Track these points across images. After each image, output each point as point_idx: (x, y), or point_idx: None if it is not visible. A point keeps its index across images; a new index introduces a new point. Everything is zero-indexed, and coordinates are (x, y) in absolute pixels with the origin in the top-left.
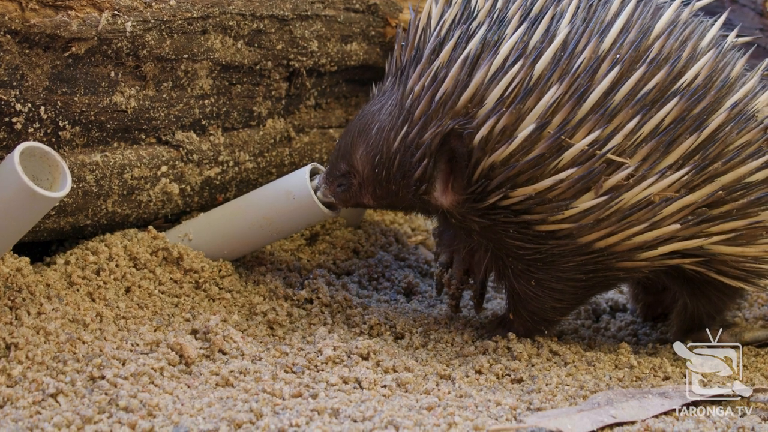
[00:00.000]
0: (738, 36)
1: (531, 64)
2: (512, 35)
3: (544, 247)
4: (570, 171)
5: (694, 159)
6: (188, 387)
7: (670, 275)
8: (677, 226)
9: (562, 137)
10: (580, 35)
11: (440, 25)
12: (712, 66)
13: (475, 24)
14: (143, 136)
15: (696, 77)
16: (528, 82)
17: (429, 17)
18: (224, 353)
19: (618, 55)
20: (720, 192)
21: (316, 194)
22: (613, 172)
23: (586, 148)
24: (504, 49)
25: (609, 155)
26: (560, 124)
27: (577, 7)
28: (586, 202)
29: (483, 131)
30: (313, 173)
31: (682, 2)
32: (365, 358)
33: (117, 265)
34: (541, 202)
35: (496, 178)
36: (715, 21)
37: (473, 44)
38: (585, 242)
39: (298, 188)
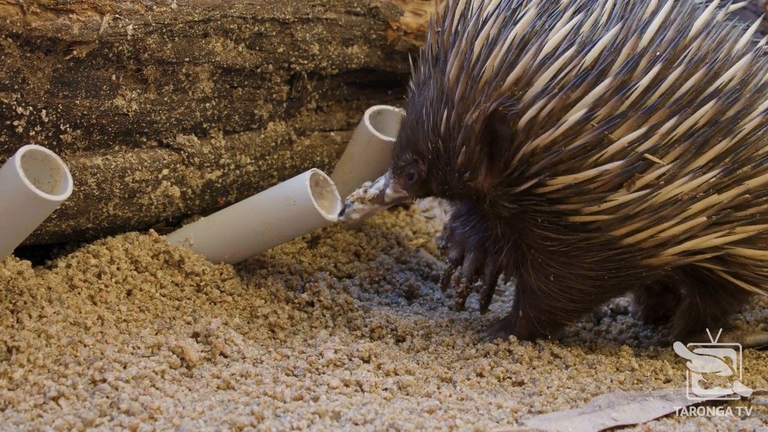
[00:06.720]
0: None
1: (584, 53)
2: (566, 23)
3: (571, 239)
4: (616, 164)
5: (724, 161)
6: (189, 390)
7: (686, 274)
8: (704, 218)
9: (605, 132)
10: (618, 30)
11: (481, 8)
12: (747, 69)
13: (521, 10)
14: (144, 140)
15: (731, 79)
16: (579, 70)
17: (467, 3)
18: (225, 356)
19: (657, 53)
20: (746, 195)
21: (385, 191)
22: (647, 169)
23: (626, 144)
24: (557, 36)
25: (646, 155)
26: (606, 117)
27: (614, 3)
28: (623, 196)
29: (530, 113)
30: (314, 179)
31: (718, 5)
32: (366, 361)
33: (118, 268)
34: (579, 192)
35: (536, 163)
36: (749, 25)
37: (521, 27)
38: (615, 236)
39: (299, 194)
